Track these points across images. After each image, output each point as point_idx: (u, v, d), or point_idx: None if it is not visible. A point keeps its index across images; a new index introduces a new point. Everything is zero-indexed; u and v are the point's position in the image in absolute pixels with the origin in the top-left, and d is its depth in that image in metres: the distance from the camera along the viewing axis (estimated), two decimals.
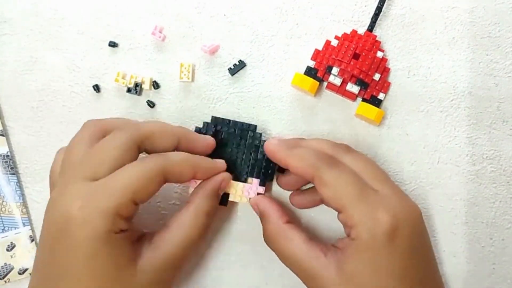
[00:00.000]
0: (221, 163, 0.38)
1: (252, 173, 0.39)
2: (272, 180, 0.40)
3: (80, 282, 0.31)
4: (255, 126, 0.39)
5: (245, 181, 0.39)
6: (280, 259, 0.36)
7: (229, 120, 0.39)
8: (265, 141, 0.38)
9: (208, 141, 0.38)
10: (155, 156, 0.34)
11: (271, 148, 0.36)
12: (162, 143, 0.35)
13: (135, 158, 0.34)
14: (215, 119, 0.39)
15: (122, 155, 0.33)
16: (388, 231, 0.32)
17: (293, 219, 0.37)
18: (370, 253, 0.32)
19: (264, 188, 0.39)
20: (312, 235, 0.35)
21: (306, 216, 0.41)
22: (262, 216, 0.37)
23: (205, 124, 0.39)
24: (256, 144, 0.39)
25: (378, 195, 0.33)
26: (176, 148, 0.36)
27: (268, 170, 0.39)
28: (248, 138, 0.39)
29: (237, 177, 0.39)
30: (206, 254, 0.41)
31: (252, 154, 0.39)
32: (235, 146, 0.39)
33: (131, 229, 0.33)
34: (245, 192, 0.39)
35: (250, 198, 0.39)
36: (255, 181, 0.39)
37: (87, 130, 0.35)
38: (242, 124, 0.39)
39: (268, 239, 0.37)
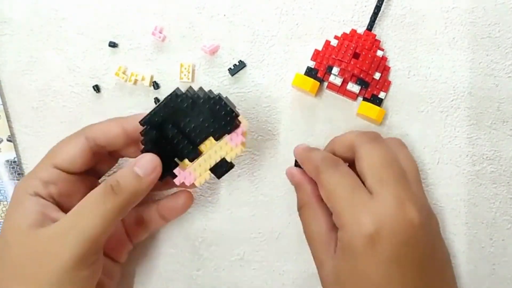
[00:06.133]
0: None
1: (211, 131, 0.35)
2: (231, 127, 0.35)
3: None
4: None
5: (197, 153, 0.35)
6: (303, 229, 0.38)
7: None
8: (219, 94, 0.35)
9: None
10: None
11: (297, 151, 0.39)
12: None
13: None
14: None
15: None
16: (368, 236, 0.31)
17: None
18: (350, 256, 0.32)
19: (243, 130, 0.35)
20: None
21: None
22: (296, 186, 0.39)
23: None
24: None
25: (370, 200, 0.32)
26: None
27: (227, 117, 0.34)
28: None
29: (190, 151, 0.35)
30: (206, 255, 0.41)
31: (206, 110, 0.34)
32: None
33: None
34: (229, 143, 0.35)
35: (287, 169, 0.40)
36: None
37: None
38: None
39: (299, 208, 0.38)
